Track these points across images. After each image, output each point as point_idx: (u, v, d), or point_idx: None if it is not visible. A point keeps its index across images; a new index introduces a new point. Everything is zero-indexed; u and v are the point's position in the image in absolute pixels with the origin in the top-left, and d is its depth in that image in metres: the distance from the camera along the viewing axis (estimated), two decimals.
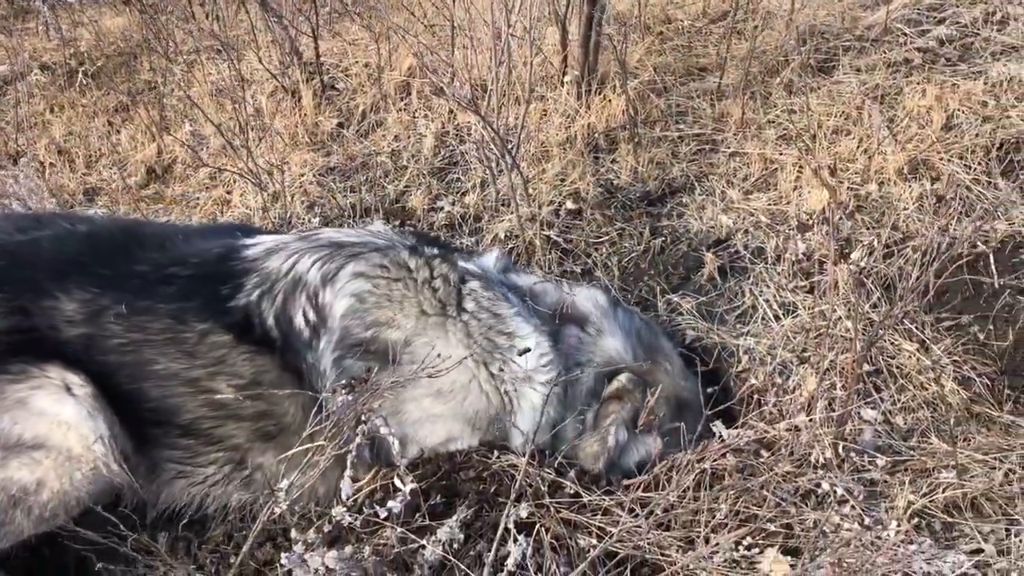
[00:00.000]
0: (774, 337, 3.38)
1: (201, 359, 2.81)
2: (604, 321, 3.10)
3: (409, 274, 2.88)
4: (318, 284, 2.87)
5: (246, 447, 2.87)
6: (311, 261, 2.91)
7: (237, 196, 4.59)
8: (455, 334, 2.83)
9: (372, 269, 2.88)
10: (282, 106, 5.11)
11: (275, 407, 2.84)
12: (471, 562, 2.57)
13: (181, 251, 3.01)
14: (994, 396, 3.16)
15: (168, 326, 2.82)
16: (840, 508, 2.65)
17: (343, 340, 2.80)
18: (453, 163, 4.44)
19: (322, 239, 3.02)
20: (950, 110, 4.13)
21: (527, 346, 2.82)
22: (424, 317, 2.83)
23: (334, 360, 2.80)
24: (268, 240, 3.05)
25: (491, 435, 2.90)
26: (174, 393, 2.81)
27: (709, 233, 3.89)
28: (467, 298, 2.89)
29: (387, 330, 2.81)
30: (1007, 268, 3.47)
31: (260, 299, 2.86)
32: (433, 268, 2.91)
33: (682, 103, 4.58)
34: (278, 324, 2.84)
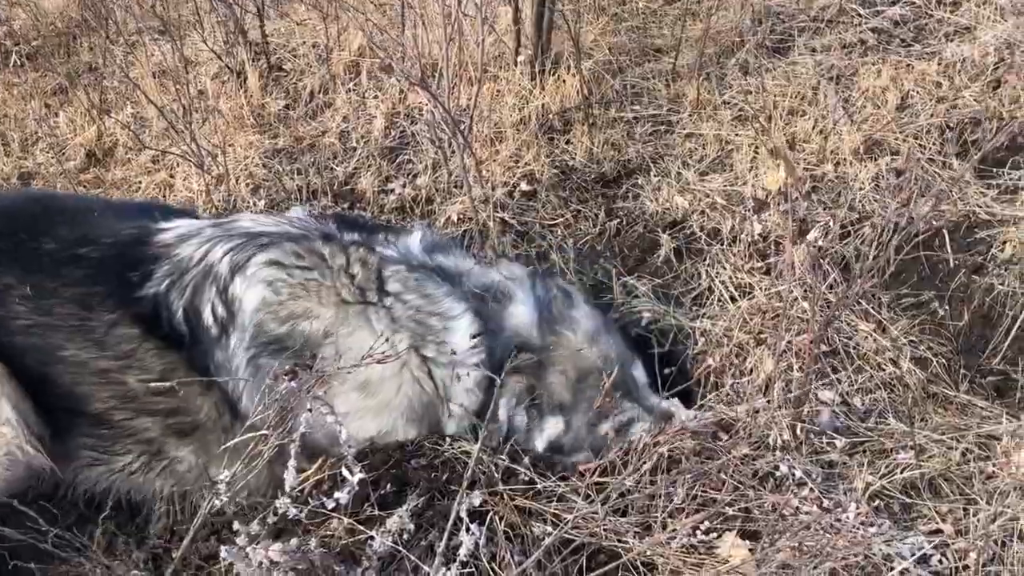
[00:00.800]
0: (730, 319, 3.33)
1: (110, 350, 2.67)
2: (517, 290, 2.96)
3: (324, 262, 2.72)
4: (227, 276, 2.70)
5: (161, 440, 2.75)
6: (223, 251, 2.74)
7: (180, 180, 4.43)
8: (379, 321, 2.69)
9: (285, 258, 2.71)
10: (227, 87, 4.95)
11: (187, 404, 2.71)
12: (422, 553, 2.48)
13: (93, 230, 2.83)
14: (951, 376, 3.14)
15: (74, 312, 2.67)
16: (799, 491, 2.61)
17: (257, 337, 2.65)
18: (404, 144, 4.33)
19: (236, 228, 2.85)
20: (905, 90, 4.12)
21: (474, 331, 2.73)
22: (344, 306, 2.68)
23: (248, 359, 2.65)
24: (183, 225, 2.87)
25: (429, 425, 2.80)
26: (84, 381, 2.67)
27: (665, 215, 3.83)
28: (389, 281, 2.73)
29: (304, 322, 2.66)
30: (962, 247, 3.45)
31: (169, 290, 2.70)
32: (350, 254, 2.74)
33: (637, 84, 4.51)
34: (187, 319, 2.69)
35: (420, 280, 2.76)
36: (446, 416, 2.78)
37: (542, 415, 2.86)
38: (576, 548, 2.50)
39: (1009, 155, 3.77)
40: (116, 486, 2.81)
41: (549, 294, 3.03)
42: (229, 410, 2.72)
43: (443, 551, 2.23)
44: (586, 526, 2.54)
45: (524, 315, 2.92)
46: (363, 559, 2.43)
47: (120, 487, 2.82)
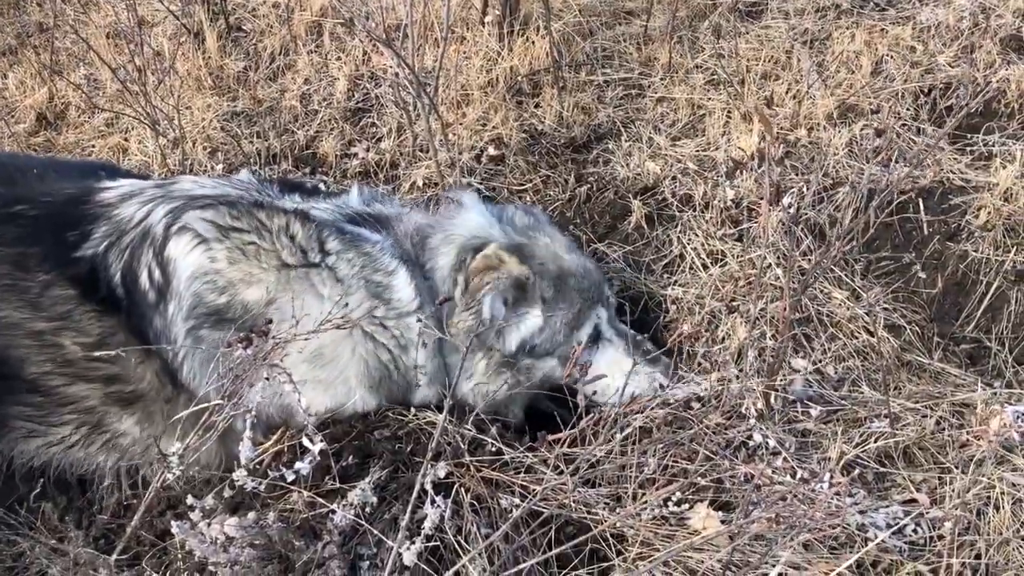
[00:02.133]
0: (702, 286, 3.26)
1: (45, 312, 2.56)
2: (469, 201, 2.89)
3: (263, 225, 2.58)
4: (162, 239, 2.57)
5: (101, 410, 2.64)
6: (162, 212, 2.61)
7: (135, 143, 4.27)
8: (323, 285, 2.57)
9: (221, 219, 2.57)
10: (184, 48, 4.76)
11: (128, 372, 2.59)
12: (386, 526, 2.40)
13: (32, 188, 2.72)
14: (924, 344, 3.10)
15: (8, 271, 2.56)
16: (772, 460, 2.55)
17: (195, 308, 2.53)
18: (368, 107, 4.19)
19: (177, 189, 2.73)
20: (879, 55, 4.05)
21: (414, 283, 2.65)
22: (286, 270, 2.55)
23: (187, 330, 2.54)
24: (126, 185, 2.75)
25: (390, 393, 2.71)
26: (19, 344, 2.55)
27: (636, 180, 3.74)
28: (328, 240, 2.60)
29: (245, 289, 2.53)
30: (936, 214, 3.41)
31: (107, 251, 2.59)
32: (288, 216, 2.60)
33: (608, 47, 4.40)
34: (124, 282, 2.57)
35: (355, 238, 2.64)
36: (408, 383, 2.69)
37: (521, 304, 2.74)
38: (545, 520, 2.43)
39: (984, 121, 3.73)
40: (55, 460, 2.70)
41: (505, 211, 2.94)
42: (170, 380, 2.61)
43: (406, 525, 2.14)
44: (555, 498, 2.46)
45: (476, 220, 2.82)
46: (324, 533, 2.34)
47: (60, 461, 2.70)
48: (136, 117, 3.99)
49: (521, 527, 2.39)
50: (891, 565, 2.32)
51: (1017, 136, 3.63)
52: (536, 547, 2.41)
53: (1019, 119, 3.68)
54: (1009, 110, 3.73)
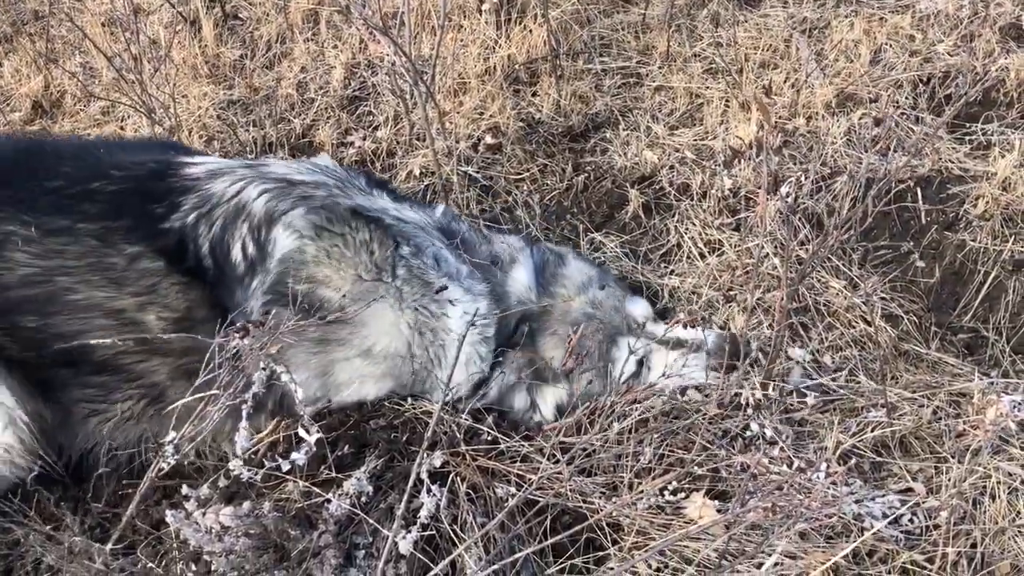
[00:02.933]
0: (699, 276, 3.25)
1: (130, 286, 2.53)
2: (519, 256, 2.99)
3: (350, 231, 2.62)
4: (263, 218, 2.60)
5: (166, 384, 2.63)
6: (258, 191, 2.63)
7: (131, 131, 4.25)
8: (388, 299, 2.62)
9: (319, 219, 2.61)
10: (180, 36, 4.74)
11: (202, 344, 2.59)
12: (381, 516, 2.40)
13: (103, 164, 2.69)
14: (921, 333, 3.10)
15: (91, 249, 2.52)
16: (769, 450, 2.55)
17: (276, 285, 2.55)
18: (364, 96, 4.17)
19: (271, 171, 2.74)
20: (878, 44, 4.03)
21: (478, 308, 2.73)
22: (360, 282, 2.59)
23: (263, 303, 2.55)
24: (211, 162, 2.76)
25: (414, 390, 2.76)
26: (93, 327, 2.51)
27: (633, 169, 3.72)
28: (400, 264, 2.65)
29: (322, 288, 2.57)
30: (934, 203, 3.40)
31: (197, 222, 2.58)
32: (372, 230, 2.64)
33: (606, 35, 4.38)
34: (213, 253, 2.57)
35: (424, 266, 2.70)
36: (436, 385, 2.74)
37: (542, 384, 2.86)
38: (541, 509, 2.43)
39: (982, 110, 3.72)
40: (106, 438, 2.69)
41: (544, 256, 3.05)
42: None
43: (402, 514, 2.13)
44: (551, 487, 2.46)
45: (524, 279, 2.93)
46: (319, 523, 2.34)
47: (113, 437, 2.69)
48: (132, 105, 3.97)
49: (517, 516, 2.39)
50: (887, 554, 2.32)
51: (1016, 125, 3.62)
52: (532, 536, 2.41)
53: (1018, 108, 3.67)
54: (1008, 99, 3.72)
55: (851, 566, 2.29)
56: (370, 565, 2.30)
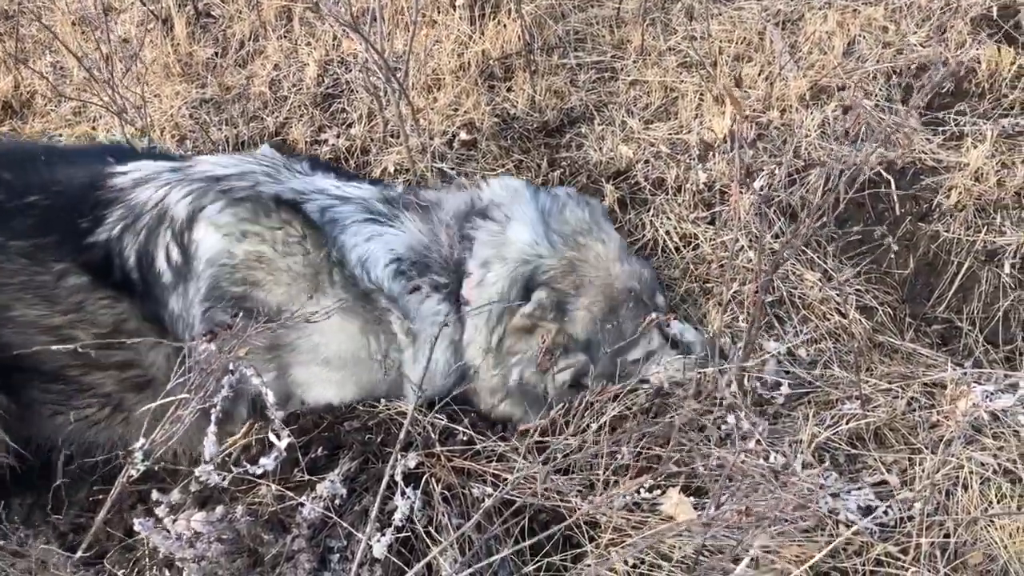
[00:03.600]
0: (675, 269, 3.25)
1: (60, 304, 2.53)
2: (515, 206, 2.82)
3: (278, 225, 2.59)
4: (184, 221, 2.57)
5: (118, 396, 2.64)
6: (181, 194, 2.60)
7: (102, 132, 4.21)
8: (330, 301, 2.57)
9: (242, 212, 2.57)
10: (152, 35, 4.69)
11: (140, 357, 2.59)
12: (356, 518, 2.39)
13: (42, 176, 2.67)
14: (896, 324, 3.11)
15: (23, 267, 2.51)
16: (744, 444, 2.55)
17: (213, 291, 2.54)
18: (338, 93, 4.13)
19: (196, 171, 2.70)
20: (851, 35, 4.03)
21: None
22: (297, 282, 2.57)
23: (203, 312, 2.54)
24: (141, 168, 2.72)
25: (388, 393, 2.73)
26: (35, 342, 2.51)
27: (609, 164, 3.71)
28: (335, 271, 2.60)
29: (258, 291, 2.56)
30: (908, 195, 3.40)
31: (122, 235, 2.57)
32: (302, 225, 2.60)
33: (580, 29, 4.36)
34: (139, 265, 2.55)
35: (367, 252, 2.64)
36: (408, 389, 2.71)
37: (562, 358, 2.73)
38: (518, 509, 2.42)
39: (955, 101, 3.72)
40: (78, 436, 2.71)
41: (556, 205, 2.86)
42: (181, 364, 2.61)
43: (375, 517, 2.12)
44: (527, 486, 2.45)
45: (525, 234, 2.76)
46: (292, 526, 2.32)
47: (84, 436, 2.71)
48: (103, 106, 3.92)
49: (494, 516, 2.38)
50: (862, 547, 2.32)
51: (988, 115, 3.63)
52: (509, 536, 2.40)
53: (990, 98, 3.68)
54: (980, 89, 3.73)
55: (826, 559, 2.29)
56: (345, 569, 2.29)
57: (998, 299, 3.10)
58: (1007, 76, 3.69)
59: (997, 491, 2.43)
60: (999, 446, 2.55)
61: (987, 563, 2.29)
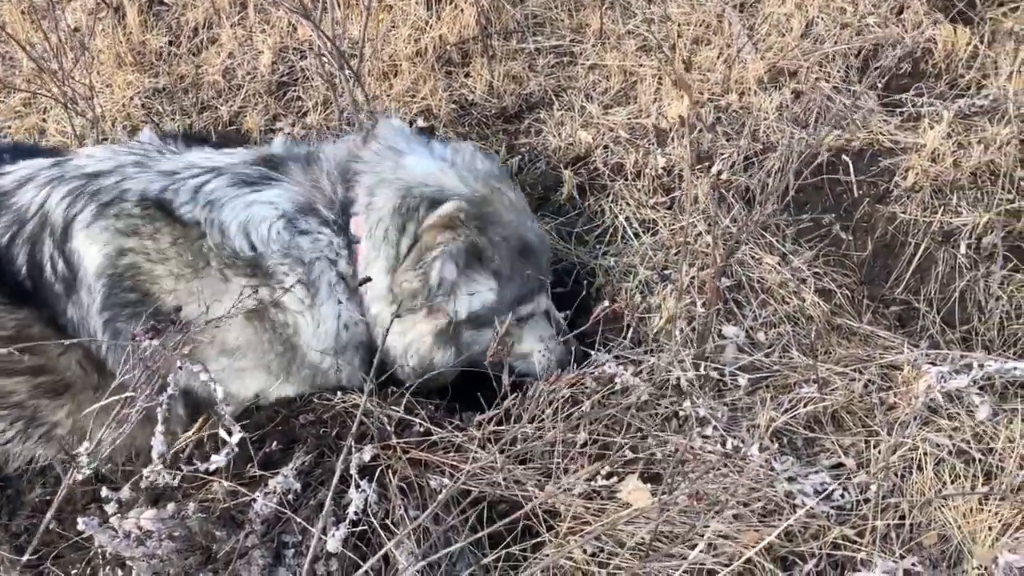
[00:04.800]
0: (633, 255, 3.23)
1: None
2: (404, 142, 2.73)
3: (148, 224, 2.51)
4: (61, 230, 2.50)
5: (32, 404, 2.58)
6: (59, 196, 2.54)
7: (53, 123, 4.12)
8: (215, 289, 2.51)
9: (112, 222, 2.50)
10: (104, 24, 4.59)
11: (52, 362, 2.53)
12: (311, 513, 2.35)
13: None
14: (854, 307, 3.11)
15: None
16: (702, 430, 2.54)
17: (109, 298, 2.48)
18: (293, 81, 4.08)
19: (73, 166, 2.62)
20: (810, 17, 4.02)
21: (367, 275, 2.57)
22: (182, 279, 2.51)
23: (104, 322, 2.49)
24: (23, 168, 2.65)
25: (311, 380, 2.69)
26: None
27: (568, 150, 3.68)
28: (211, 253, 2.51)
29: (151, 299, 2.49)
30: (865, 176, 3.40)
31: (11, 243, 2.51)
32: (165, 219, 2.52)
33: (539, 13, 4.31)
34: (31, 274, 2.50)
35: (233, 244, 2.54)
36: (329, 369, 2.64)
37: (473, 272, 2.64)
38: (475, 500, 2.40)
39: (912, 81, 3.73)
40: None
41: (461, 152, 2.79)
42: (96, 368, 2.56)
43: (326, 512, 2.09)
44: (485, 477, 2.44)
45: (424, 164, 2.68)
46: (246, 522, 2.29)
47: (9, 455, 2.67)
48: (52, 97, 3.84)
49: (451, 507, 2.36)
50: (819, 530, 2.33)
51: (944, 96, 3.64)
52: (467, 526, 2.39)
53: (946, 79, 3.69)
54: (936, 70, 3.74)
55: (784, 543, 2.30)
56: (299, 564, 2.26)
57: (954, 280, 3.11)
58: (963, 57, 3.70)
59: (951, 471, 2.45)
60: (954, 427, 2.57)
61: (941, 544, 2.30)
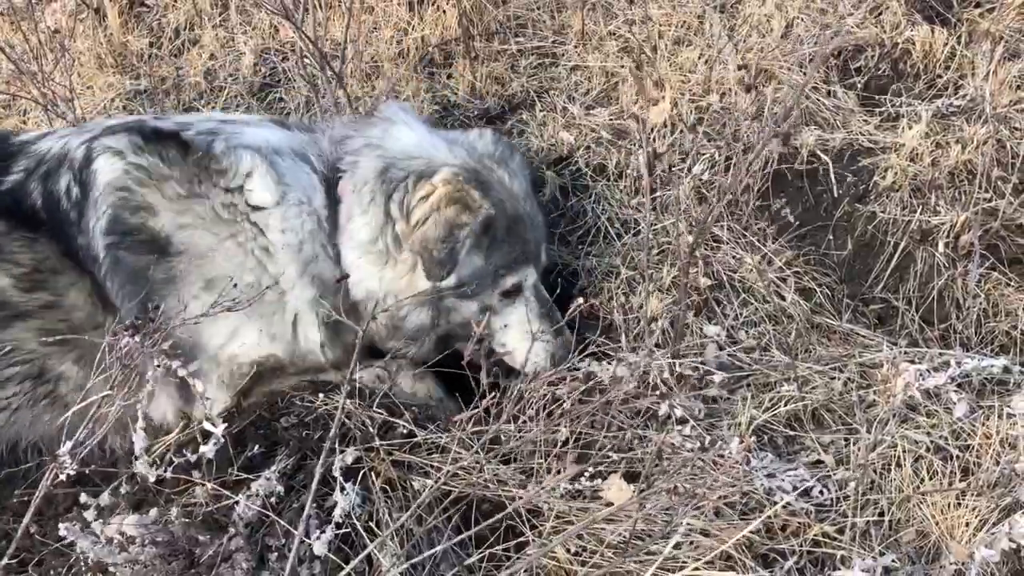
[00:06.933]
0: (615, 255, 3.25)
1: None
2: (401, 114, 2.86)
3: (161, 147, 2.64)
4: (83, 159, 2.63)
5: (40, 355, 2.63)
6: (80, 140, 2.68)
7: (33, 126, 4.10)
8: (206, 217, 2.63)
9: (131, 137, 2.64)
10: (84, 25, 4.57)
11: (60, 298, 2.61)
12: (294, 516, 2.35)
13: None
14: (834, 306, 3.14)
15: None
16: (682, 428, 2.56)
17: (114, 224, 2.58)
18: (275, 82, 4.07)
19: (89, 124, 2.85)
20: (790, 18, 4.05)
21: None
22: (179, 201, 2.62)
23: (106, 247, 2.58)
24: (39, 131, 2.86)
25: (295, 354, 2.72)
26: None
27: (551, 151, 3.70)
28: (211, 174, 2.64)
29: (151, 218, 2.60)
30: (846, 176, 3.43)
31: (27, 179, 2.64)
32: (178, 143, 2.65)
33: (521, 14, 4.32)
34: (46, 205, 2.62)
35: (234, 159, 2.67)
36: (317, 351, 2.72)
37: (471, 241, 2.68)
38: (458, 500, 2.41)
39: (891, 82, 3.76)
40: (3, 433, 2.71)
41: (467, 135, 2.90)
42: (101, 302, 2.64)
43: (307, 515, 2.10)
44: (467, 477, 2.45)
45: (414, 135, 2.79)
46: (229, 526, 2.28)
47: (7, 432, 2.71)
48: (31, 99, 3.82)
49: (434, 507, 2.37)
50: (799, 527, 2.35)
51: (923, 96, 3.68)
52: (451, 527, 2.39)
53: (924, 79, 3.72)
54: (915, 71, 3.77)
55: (764, 541, 2.32)
56: (283, 567, 2.26)
57: (933, 278, 3.15)
58: (941, 57, 3.74)
59: (929, 468, 2.47)
60: (932, 424, 2.60)
61: (919, 540, 2.33)
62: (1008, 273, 3.14)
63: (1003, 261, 3.16)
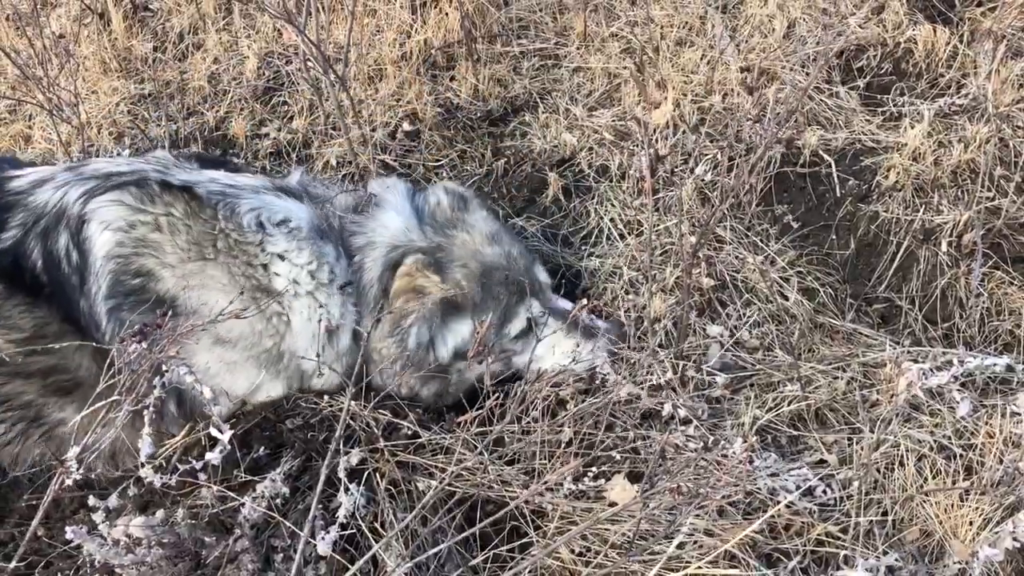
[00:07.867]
0: (618, 256, 3.26)
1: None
2: (388, 195, 2.87)
3: (162, 206, 2.56)
4: (77, 220, 2.53)
5: (39, 403, 2.59)
6: (78, 193, 2.56)
7: (38, 131, 4.12)
8: (216, 276, 2.56)
9: (127, 199, 2.54)
10: (89, 30, 4.59)
11: (65, 361, 2.54)
12: (299, 517, 2.37)
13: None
14: (837, 305, 3.15)
15: None
16: (685, 429, 2.57)
17: (115, 287, 2.50)
18: (279, 86, 4.08)
19: (91, 170, 2.67)
20: (792, 18, 4.06)
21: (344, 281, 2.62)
22: (184, 263, 2.54)
23: (108, 311, 2.51)
24: (36, 172, 2.69)
25: (299, 380, 2.68)
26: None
27: (553, 152, 3.71)
28: (220, 236, 2.57)
29: (152, 281, 2.52)
30: (849, 176, 3.44)
31: (25, 236, 2.53)
32: (186, 200, 2.57)
33: (523, 17, 4.34)
34: (47, 267, 2.51)
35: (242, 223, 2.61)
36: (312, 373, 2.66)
37: (452, 321, 2.74)
38: (462, 500, 2.42)
39: (894, 81, 3.77)
40: None
41: (430, 202, 2.90)
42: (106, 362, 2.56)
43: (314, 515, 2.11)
44: (472, 478, 2.46)
45: (396, 222, 2.80)
46: (235, 528, 2.30)
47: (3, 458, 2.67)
48: (37, 104, 3.84)
49: (439, 508, 2.38)
50: (803, 527, 2.35)
51: (925, 95, 3.68)
52: (455, 527, 2.40)
53: (927, 79, 3.73)
54: (917, 70, 3.77)
55: (768, 541, 2.32)
56: (288, 568, 2.27)
57: (936, 277, 3.15)
58: (942, 56, 3.74)
59: (932, 467, 2.48)
60: (935, 423, 2.60)
61: (923, 539, 2.33)
62: (1011, 272, 3.14)
63: (1006, 260, 3.16)
